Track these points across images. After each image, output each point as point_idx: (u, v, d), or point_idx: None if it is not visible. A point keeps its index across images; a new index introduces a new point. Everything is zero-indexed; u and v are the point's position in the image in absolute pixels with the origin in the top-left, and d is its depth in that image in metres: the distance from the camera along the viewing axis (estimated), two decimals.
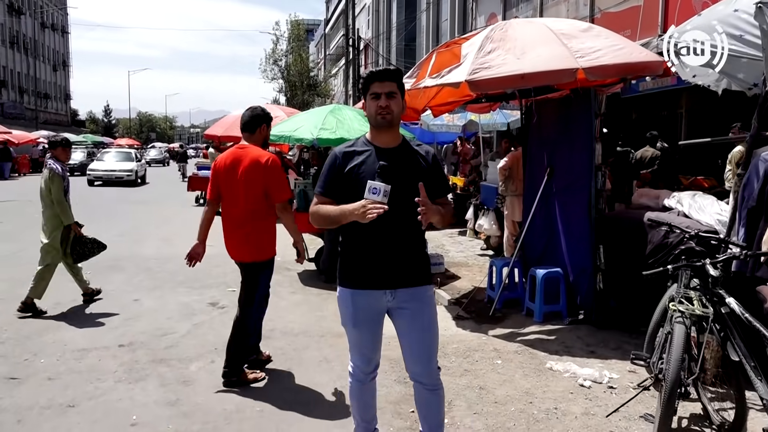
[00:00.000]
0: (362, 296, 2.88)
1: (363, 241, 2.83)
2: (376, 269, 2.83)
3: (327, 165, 2.90)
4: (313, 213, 2.87)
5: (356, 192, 2.72)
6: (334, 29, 58.21)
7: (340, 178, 2.82)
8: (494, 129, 13.92)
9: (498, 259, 6.74)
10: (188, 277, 7.81)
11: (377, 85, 2.79)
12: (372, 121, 2.85)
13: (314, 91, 42.21)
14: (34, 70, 56.29)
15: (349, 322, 2.95)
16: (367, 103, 2.85)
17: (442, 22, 25.58)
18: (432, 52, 6.57)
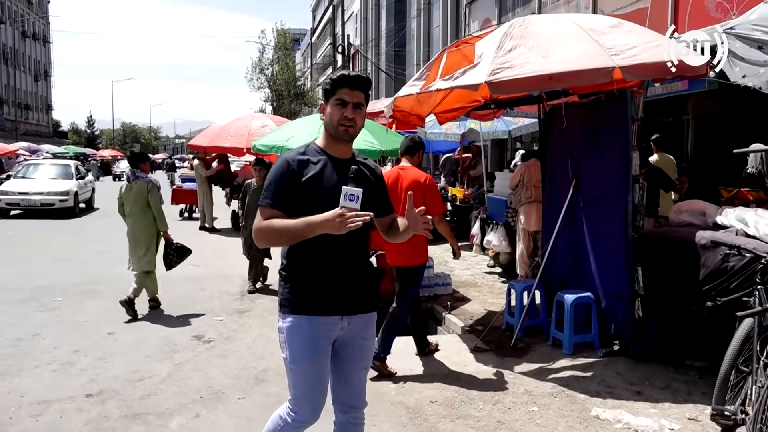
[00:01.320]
0: (319, 323, 2.50)
1: (320, 259, 2.50)
2: (334, 292, 2.52)
3: (278, 173, 2.51)
4: (262, 229, 2.45)
5: (312, 204, 2.42)
6: (320, 38, 57.71)
7: (295, 189, 2.47)
8: (495, 137, 13.28)
9: (517, 282, 6.05)
10: (171, 304, 7.04)
11: (346, 92, 2.52)
12: (332, 130, 2.56)
13: (301, 101, 41.57)
14: (14, 80, 55.07)
15: (306, 357, 2.51)
16: (331, 108, 2.54)
17: (434, 29, 25.03)
18: (442, 52, 5.89)
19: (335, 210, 2.31)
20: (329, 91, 2.55)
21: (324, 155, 2.56)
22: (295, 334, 2.49)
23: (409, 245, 4.58)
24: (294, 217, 2.41)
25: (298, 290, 2.51)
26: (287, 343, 2.51)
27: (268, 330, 6.09)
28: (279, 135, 7.45)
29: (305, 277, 2.51)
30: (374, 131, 7.36)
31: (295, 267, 2.53)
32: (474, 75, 5.10)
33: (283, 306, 2.54)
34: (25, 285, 7.88)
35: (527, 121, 11.86)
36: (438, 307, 7.04)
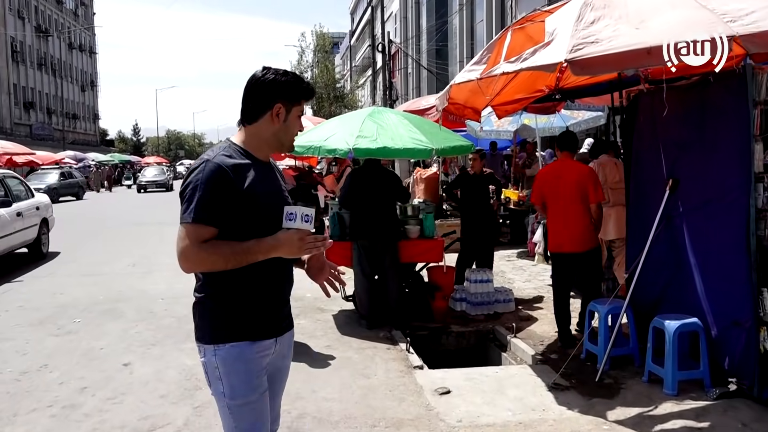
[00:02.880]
0: (261, 349, 2.23)
1: (258, 277, 2.19)
2: (270, 311, 2.27)
3: (210, 182, 2.09)
4: (197, 253, 2.06)
5: (255, 219, 2.14)
6: (359, 41, 57.18)
7: (234, 200, 2.11)
8: (552, 134, 12.21)
9: (600, 303, 5.07)
10: None
11: (304, 105, 2.34)
12: (285, 140, 2.29)
13: (341, 103, 40.98)
14: (62, 91, 56.22)
15: (249, 387, 2.20)
16: (292, 119, 2.26)
17: (477, 24, 23.98)
18: (506, 31, 4.98)
19: (292, 233, 2.08)
20: (295, 98, 2.24)
21: (249, 158, 2.21)
22: (237, 365, 2.16)
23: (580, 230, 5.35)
24: (232, 232, 2.10)
25: (235, 313, 2.17)
26: (225, 377, 2.16)
27: (307, 359, 5.26)
28: (315, 134, 6.63)
29: (242, 298, 2.17)
30: (423, 128, 6.47)
31: (228, 288, 2.16)
32: (549, 53, 4.18)
33: (214, 333, 2.16)
34: (45, 304, 7.28)
35: (588, 115, 10.79)
36: (501, 329, 6.09)
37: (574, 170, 5.47)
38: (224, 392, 2.18)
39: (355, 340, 5.83)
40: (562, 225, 5.42)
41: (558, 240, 5.51)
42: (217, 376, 2.17)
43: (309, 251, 2.12)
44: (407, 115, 7.09)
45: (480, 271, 6.80)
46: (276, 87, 2.20)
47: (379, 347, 5.59)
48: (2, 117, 44.06)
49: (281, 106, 2.21)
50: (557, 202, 5.44)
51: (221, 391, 2.18)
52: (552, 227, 5.60)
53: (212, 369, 2.17)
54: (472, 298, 6.63)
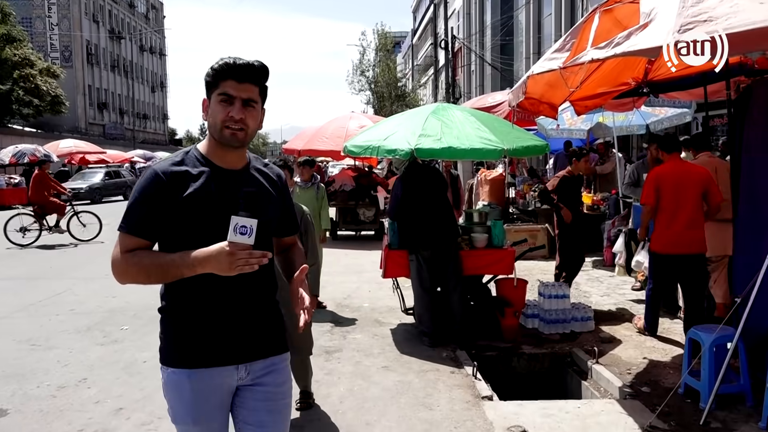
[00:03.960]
0: (206, 377, 2.00)
1: (206, 299, 1.98)
2: (225, 337, 2.01)
3: (143, 189, 1.94)
4: (121, 263, 1.92)
5: (191, 232, 1.93)
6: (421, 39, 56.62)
7: (168, 210, 1.92)
8: (630, 133, 11.31)
9: (705, 330, 4.32)
10: None
11: (232, 86, 1.95)
12: (216, 133, 1.98)
13: (402, 102, 40.52)
14: (133, 91, 58.18)
15: (188, 416, 2.03)
16: (213, 106, 1.97)
17: (545, 18, 22.98)
18: (593, 13, 4.31)
19: (222, 246, 1.83)
20: (210, 83, 1.98)
21: (206, 165, 2.00)
22: (174, 391, 2.04)
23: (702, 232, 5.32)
24: (164, 247, 1.99)
25: (176, 337, 2.03)
26: (168, 399, 2.08)
27: (362, 382, 4.75)
28: (374, 133, 6.12)
29: (186, 321, 2.01)
30: (493, 126, 5.85)
31: (174, 307, 2.03)
32: (650, 36, 3.52)
33: (162, 353, 2.07)
34: (96, 308, 7.07)
35: (672, 112, 9.88)
36: (580, 353, 5.40)
37: (695, 170, 5.43)
38: (169, 412, 2.10)
39: (416, 360, 5.28)
40: (683, 226, 5.31)
41: (674, 240, 5.35)
42: (165, 395, 2.09)
43: (240, 269, 1.84)
44: (474, 112, 6.48)
45: (555, 286, 6.12)
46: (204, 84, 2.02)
47: (442, 370, 5.02)
48: (77, 117, 45.89)
49: (205, 99, 2.02)
50: (677, 202, 5.34)
51: (168, 410, 2.10)
52: (668, 228, 5.39)
53: (163, 386, 2.09)
54: (546, 315, 5.96)
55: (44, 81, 33.27)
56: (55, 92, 34.12)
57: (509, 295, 5.91)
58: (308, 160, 7.09)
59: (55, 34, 46.47)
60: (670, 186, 5.36)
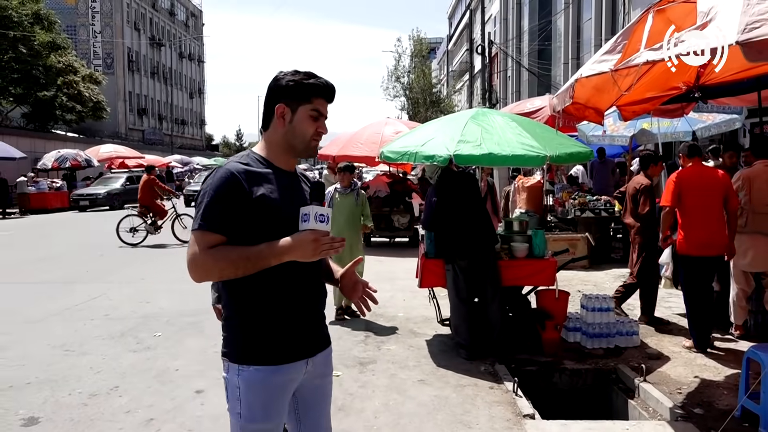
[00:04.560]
0: (288, 372, 2.11)
1: (283, 294, 2.09)
2: (299, 332, 2.14)
3: (221, 189, 2.01)
4: (205, 260, 1.96)
5: (266, 227, 2.02)
6: (457, 45, 56.40)
7: (242, 207, 2.01)
8: (675, 140, 10.91)
9: (765, 350, 4.04)
10: None
11: (322, 104, 2.15)
12: (300, 143, 2.15)
13: (437, 108, 40.33)
14: (172, 98, 59.30)
15: (267, 414, 2.08)
16: (301, 118, 2.12)
17: (584, 23, 22.55)
18: (646, 12, 4.09)
19: (305, 233, 1.95)
20: (300, 96, 2.11)
21: (269, 167, 2.14)
22: (257, 389, 2.08)
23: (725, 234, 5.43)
24: (234, 242, 2.01)
25: (262, 334, 2.08)
26: (244, 399, 2.08)
27: (397, 396, 4.58)
28: (411, 139, 5.97)
29: (270, 317, 2.08)
30: (534, 132, 5.65)
31: (254, 305, 2.08)
32: (711, 36, 3.28)
33: (240, 353, 2.08)
34: (130, 313, 7.06)
35: (721, 118, 9.47)
36: (626, 370, 5.14)
37: (716, 174, 5.57)
38: (240, 413, 2.08)
39: (453, 374, 5.09)
40: (711, 229, 5.43)
41: (698, 242, 5.44)
42: (237, 396, 2.09)
43: (325, 253, 1.99)
44: (515, 117, 6.28)
45: (599, 298, 5.86)
46: (278, 89, 2.13)
47: (480, 385, 4.82)
48: (118, 122, 46.94)
49: (284, 106, 2.12)
50: (703, 205, 5.45)
51: (238, 411, 2.09)
52: (696, 231, 5.47)
53: (233, 388, 2.09)
54: (589, 328, 5.70)
55: (87, 87, 34.08)
56: (96, 98, 34.92)
57: (550, 308, 5.67)
58: (348, 166, 6.96)
59: (98, 41, 47.69)
60: (694, 189, 5.47)
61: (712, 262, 5.52)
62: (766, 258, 5.64)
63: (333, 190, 6.91)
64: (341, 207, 6.83)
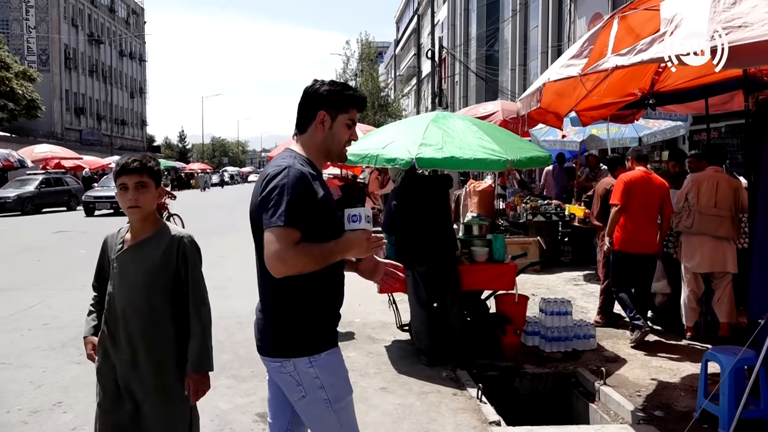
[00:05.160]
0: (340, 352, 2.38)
1: (333, 286, 2.33)
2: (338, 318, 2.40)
3: (298, 188, 2.15)
4: (292, 255, 2.08)
5: (325, 225, 2.22)
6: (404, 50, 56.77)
7: (313, 207, 2.18)
8: (622, 145, 11.20)
9: (723, 352, 4.12)
10: (237, 355, 5.58)
11: (355, 114, 2.36)
12: (335, 148, 2.34)
13: (385, 112, 40.35)
14: (111, 97, 57.29)
15: (348, 388, 2.35)
16: (339, 126, 2.31)
17: (531, 30, 23.04)
18: (611, 18, 4.12)
19: (360, 233, 2.18)
20: (340, 106, 2.30)
21: (314, 169, 2.29)
22: (333, 371, 2.27)
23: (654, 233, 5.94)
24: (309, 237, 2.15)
25: (321, 324, 2.27)
26: (328, 384, 2.24)
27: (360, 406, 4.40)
28: (371, 142, 5.86)
29: (324, 308, 2.29)
30: (495, 135, 5.63)
31: (312, 299, 2.24)
32: (680, 42, 3.30)
33: (305, 345, 2.22)
34: (71, 323, 6.63)
35: (667, 125, 9.77)
36: (586, 373, 5.17)
37: (658, 181, 6.01)
38: (328, 398, 2.24)
39: (415, 380, 5.00)
40: (647, 230, 5.87)
41: (638, 240, 5.86)
42: (318, 385, 2.22)
43: (374, 251, 2.23)
44: (475, 121, 6.26)
45: (557, 302, 5.90)
46: (320, 95, 2.28)
47: (443, 392, 4.75)
48: (54, 122, 44.97)
49: (325, 113, 2.28)
50: (644, 207, 5.84)
51: (324, 398, 2.23)
52: (635, 230, 5.85)
53: (311, 379, 2.21)
54: (548, 332, 5.73)
55: (20, 84, 32.51)
56: (31, 96, 33.35)
57: (510, 312, 5.66)
58: None
59: (32, 37, 45.62)
60: (640, 192, 5.83)
61: (643, 259, 5.92)
62: (712, 259, 5.81)
63: None
64: None
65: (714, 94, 6.36)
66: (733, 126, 12.02)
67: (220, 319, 6.80)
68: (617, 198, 5.95)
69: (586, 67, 3.85)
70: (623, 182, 5.94)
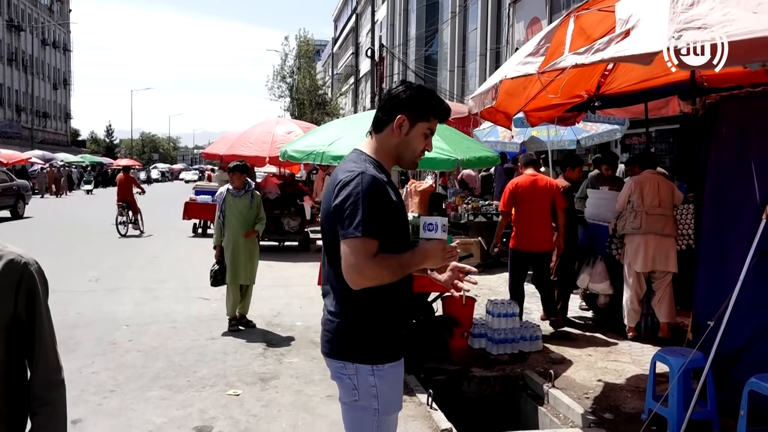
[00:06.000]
0: (402, 366, 2.31)
1: (402, 297, 2.25)
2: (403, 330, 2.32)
3: (374, 196, 2.08)
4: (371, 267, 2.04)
5: (397, 233, 2.18)
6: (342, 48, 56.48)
7: (387, 214, 2.13)
8: (561, 147, 11.38)
9: (672, 354, 4.13)
10: (171, 363, 5.23)
11: (435, 124, 2.29)
12: (407, 155, 2.27)
13: (323, 110, 39.97)
14: (32, 88, 54.25)
15: (398, 401, 2.32)
16: (416, 135, 2.24)
17: (469, 33, 23.28)
18: (567, 17, 4.05)
19: (436, 243, 2.13)
20: (421, 114, 2.21)
21: (383, 171, 2.20)
22: (394, 383, 2.26)
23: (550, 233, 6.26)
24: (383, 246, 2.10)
25: (388, 335, 2.22)
26: (381, 395, 2.20)
27: (306, 416, 4.23)
28: (316, 139, 5.64)
29: (393, 319, 2.22)
30: (444, 135, 5.53)
31: (383, 309, 2.18)
32: (641, 41, 3.26)
33: (372, 353, 2.17)
34: None
35: (604, 128, 9.98)
36: (533, 375, 5.12)
37: (544, 182, 6.24)
38: (378, 409, 2.23)
39: None
40: (538, 229, 6.18)
41: (531, 238, 6.19)
42: (373, 394, 2.20)
43: (449, 261, 2.19)
44: None
45: (504, 303, 5.84)
46: (402, 99, 2.21)
47: None
48: None
49: (404, 118, 2.20)
50: (532, 209, 6.14)
51: (375, 407, 2.22)
52: (524, 230, 6.21)
53: (368, 387, 2.20)
54: (494, 334, 5.66)
55: None
56: None
57: (457, 314, 5.56)
58: (240, 165, 6.43)
59: None
60: (527, 195, 6.14)
61: (537, 257, 6.27)
62: (655, 256, 5.89)
63: (225, 192, 6.39)
64: (234, 210, 6.33)
65: (653, 98, 6.49)
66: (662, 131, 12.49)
67: (153, 324, 6.45)
68: (502, 205, 6.42)
69: (543, 65, 3.77)
70: (508, 190, 6.31)
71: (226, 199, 6.31)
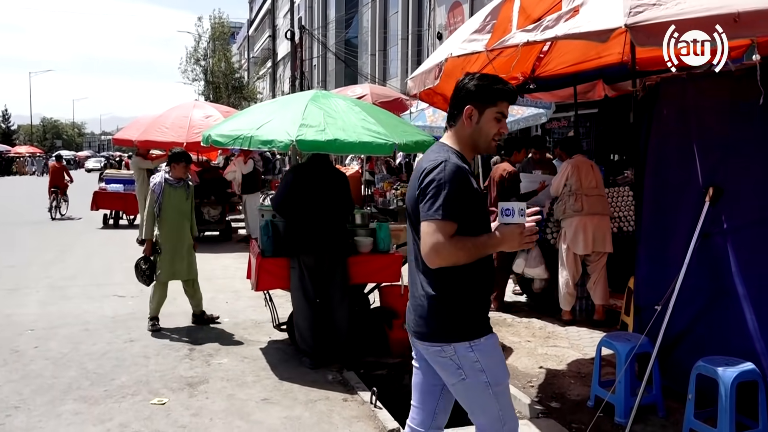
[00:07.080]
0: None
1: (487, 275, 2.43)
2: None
3: (454, 181, 2.24)
4: (448, 248, 2.20)
5: (477, 218, 2.33)
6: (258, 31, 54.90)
7: (468, 200, 2.28)
8: None
9: (618, 339, 4.08)
10: (85, 371, 4.73)
11: (506, 107, 2.39)
12: (482, 142, 2.40)
13: (240, 94, 38.70)
14: None
15: (505, 371, 2.48)
16: (487, 120, 2.36)
17: (390, 16, 23.06)
18: None
19: (514, 226, 2.23)
20: (488, 100, 2.34)
21: (465, 162, 2.36)
22: (495, 353, 2.41)
23: None
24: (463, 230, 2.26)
25: (479, 311, 2.38)
26: (487, 367, 2.34)
27: (241, 423, 3.89)
28: (243, 122, 5.23)
29: (479, 294, 2.39)
30: (379, 118, 5.26)
31: (472, 288, 2.35)
32: (594, 18, 3.11)
33: (467, 330, 2.32)
34: None
35: (530, 112, 9.99)
36: None
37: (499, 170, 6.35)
38: (488, 381, 2.32)
39: (299, 387, 4.51)
40: None
41: None
42: (479, 369, 2.31)
43: (526, 245, 2.30)
44: (358, 102, 5.84)
45: None
46: (467, 90, 2.34)
47: (332, 398, 4.32)
48: None
49: (472, 108, 2.33)
50: None
51: (485, 381, 2.32)
52: None
53: (471, 363, 2.30)
54: None
55: None
56: None
57: (396, 305, 5.34)
58: (184, 154, 5.95)
59: None
60: None
61: None
62: (595, 238, 5.90)
63: (163, 181, 5.85)
64: (173, 201, 5.85)
65: (582, 82, 6.50)
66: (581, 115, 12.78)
67: (62, 327, 5.87)
68: None
69: (491, 42, 3.57)
70: None
71: (165, 190, 5.80)
